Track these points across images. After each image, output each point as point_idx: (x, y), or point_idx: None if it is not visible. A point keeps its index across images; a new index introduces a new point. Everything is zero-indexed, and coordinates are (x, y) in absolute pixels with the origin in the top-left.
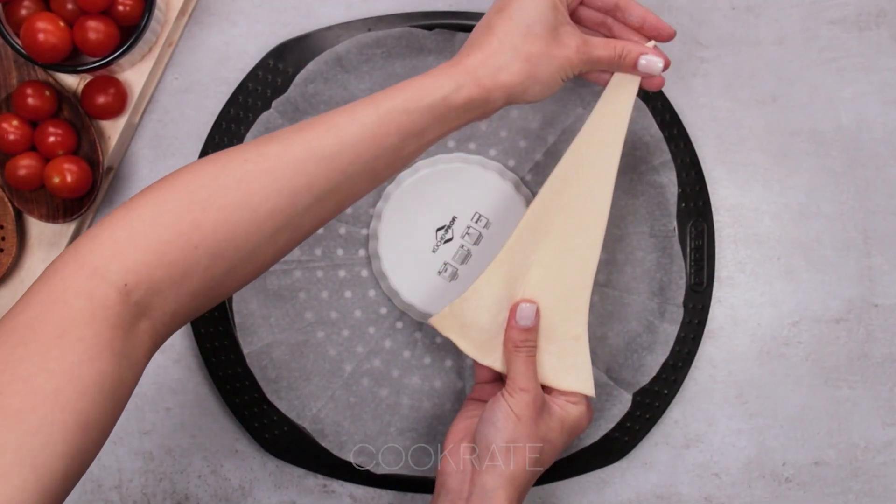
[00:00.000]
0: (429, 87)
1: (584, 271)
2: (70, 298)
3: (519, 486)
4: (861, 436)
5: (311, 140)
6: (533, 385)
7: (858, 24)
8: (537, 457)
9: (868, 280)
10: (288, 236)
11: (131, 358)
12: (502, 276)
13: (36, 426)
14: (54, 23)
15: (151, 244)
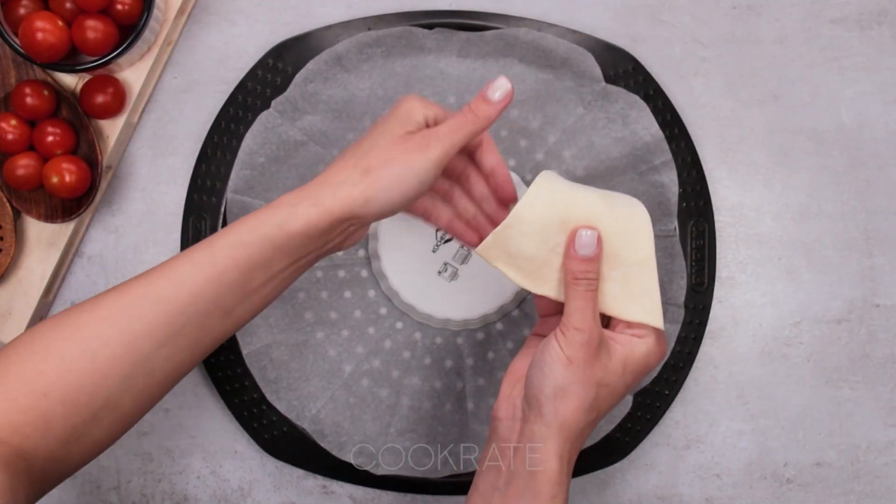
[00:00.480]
0: (263, 217)
1: (631, 202)
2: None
3: (571, 436)
4: (862, 436)
5: (146, 286)
6: (590, 324)
7: (860, 24)
8: (591, 403)
9: (870, 280)
10: (143, 384)
11: (16, 492)
12: (545, 198)
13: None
14: (53, 22)
15: (1, 392)
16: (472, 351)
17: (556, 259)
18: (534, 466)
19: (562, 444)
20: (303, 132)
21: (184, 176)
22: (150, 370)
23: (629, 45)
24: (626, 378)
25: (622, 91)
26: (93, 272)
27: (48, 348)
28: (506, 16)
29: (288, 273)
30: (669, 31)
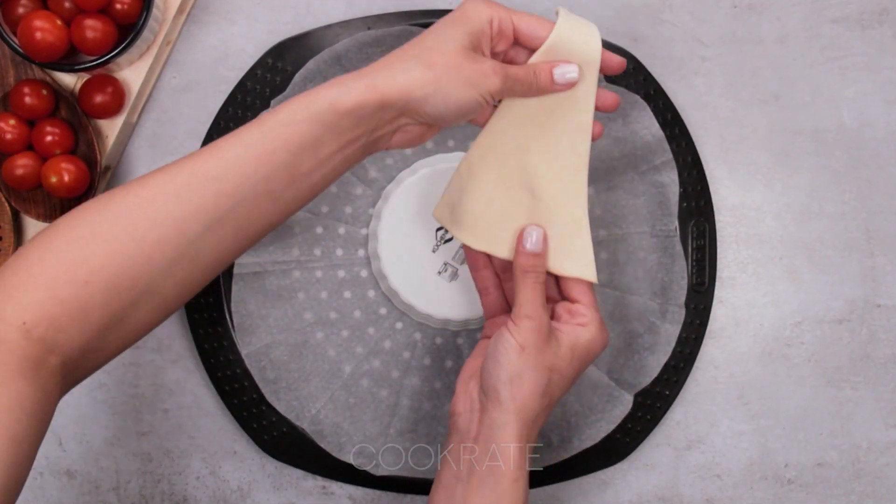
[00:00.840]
0: (314, 94)
1: (576, 153)
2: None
3: (528, 419)
4: (864, 437)
5: (195, 166)
6: (539, 312)
7: (861, 23)
8: (545, 388)
9: (871, 280)
10: (187, 269)
11: (44, 388)
12: (482, 157)
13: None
14: (51, 21)
15: (40, 282)
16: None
17: (492, 214)
18: (494, 453)
19: (520, 428)
20: None
21: None
22: (194, 255)
23: (629, 44)
24: (574, 364)
25: (622, 90)
26: None
27: (93, 233)
28: None
29: (337, 160)
30: (670, 31)
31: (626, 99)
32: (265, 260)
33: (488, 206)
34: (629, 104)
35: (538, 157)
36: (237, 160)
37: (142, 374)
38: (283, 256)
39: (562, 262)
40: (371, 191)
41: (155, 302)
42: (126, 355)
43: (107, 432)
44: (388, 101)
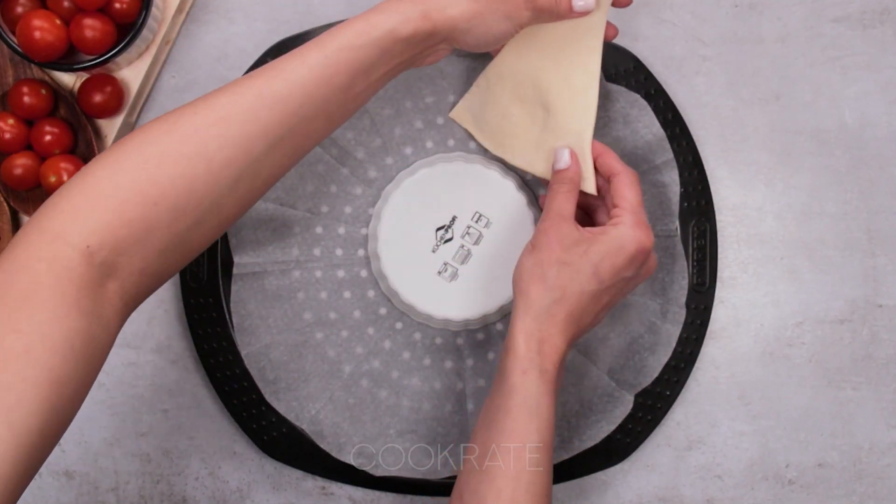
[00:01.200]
0: (374, 20)
1: (587, 72)
2: (33, 263)
3: (534, 313)
4: (865, 437)
5: (261, 86)
6: (554, 216)
7: (862, 22)
8: (553, 282)
9: (872, 280)
10: (248, 186)
11: (101, 317)
12: (500, 75)
13: (8, 383)
14: (50, 20)
15: (110, 204)
16: (472, 351)
17: (509, 126)
18: (505, 351)
19: (525, 321)
20: None
21: None
22: (256, 173)
23: (630, 43)
24: (591, 257)
25: (622, 90)
26: None
27: (163, 153)
28: None
29: (382, 81)
30: (671, 30)
31: (627, 98)
32: (265, 260)
33: (505, 118)
34: (629, 103)
35: (552, 75)
36: (301, 81)
37: (141, 374)
38: (282, 256)
39: None
40: (371, 191)
41: (216, 220)
42: (125, 356)
43: (106, 432)
44: (437, 31)
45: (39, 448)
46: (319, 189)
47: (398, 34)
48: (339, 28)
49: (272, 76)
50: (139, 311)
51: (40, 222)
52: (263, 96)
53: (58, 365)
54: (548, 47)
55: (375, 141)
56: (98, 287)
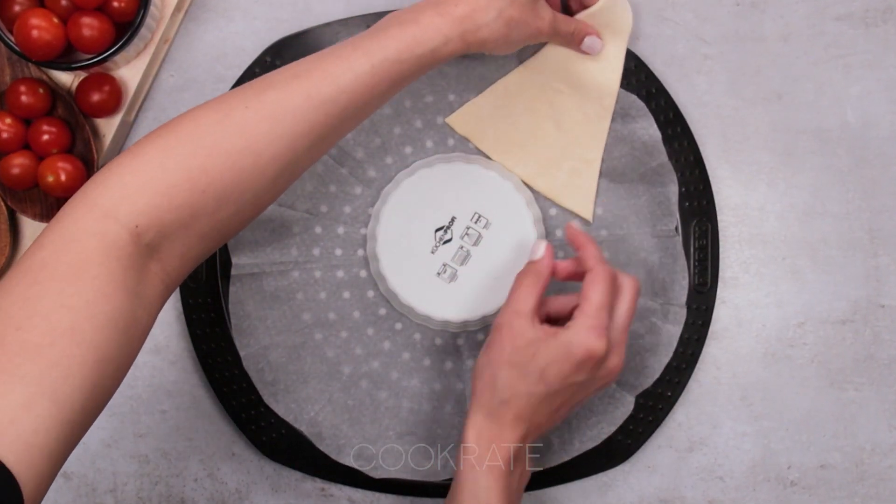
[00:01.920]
0: (420, 38)
1: (602, 104)
2: (83, 238)
3: (489, 415)
4: (867, 438)
5: (310, 89)
6: (514, 312)
7: (865, 21)
8: (500, 381)
9: (875, 280)
10: (286, 179)
11: (144, 298)
12: (520, 84)
13: (55, 359)
14: (48, 19)
15: (161, 188)
16: (472, 352)
17: (516, 134)
18: (460, 445)
19: (476, 419)
20: None
21: None
22: (295, 167)
23: (631, 42)
24: (539, 361)
25: (621, 91)
26: None
27: (215, 143)
28: None
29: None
30: (672, 29)
31: (626, 99)
32: (263, 261)
33: (514, 126)
34: (628, 104)
35: (568, 98)
36: (349, 87)
37: (139, 375)
38: (281, 257)
39: (567, 195)
40: (370, 191)
41: (254, 209)
42: None
43: (103, 433)
44: (468, 49)
45: (81, 424)
46: (318, 189)
47: (439, 54)
48: (384, 36)
49: (320, 79)
50: None
51: (90, 197)
52: (312, 98)
53: (103, 344)
54: (568, 69)
55: (375, 140)
56: (143, 268)
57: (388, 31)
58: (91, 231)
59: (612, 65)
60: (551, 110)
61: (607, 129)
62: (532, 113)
